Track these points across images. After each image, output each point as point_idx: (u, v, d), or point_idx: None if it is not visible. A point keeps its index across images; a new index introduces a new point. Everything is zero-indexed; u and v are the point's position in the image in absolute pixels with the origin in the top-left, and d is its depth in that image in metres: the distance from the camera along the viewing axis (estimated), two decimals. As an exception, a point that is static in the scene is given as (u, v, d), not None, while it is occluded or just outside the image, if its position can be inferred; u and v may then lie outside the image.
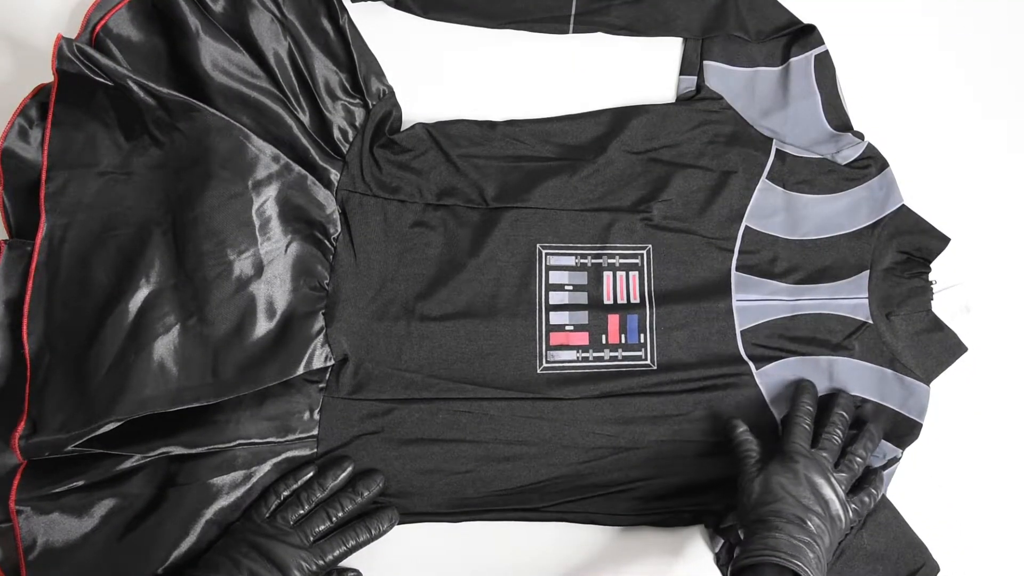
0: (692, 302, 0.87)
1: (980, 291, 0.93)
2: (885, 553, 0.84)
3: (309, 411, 0.82)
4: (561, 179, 0.87)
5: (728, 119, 0.90)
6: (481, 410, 0.84)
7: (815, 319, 0.88)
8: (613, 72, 0.92)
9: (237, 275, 0.78)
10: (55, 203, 0.76)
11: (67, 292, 0.75)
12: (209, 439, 0.77)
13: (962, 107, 0.96)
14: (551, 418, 0.85)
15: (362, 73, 0.84)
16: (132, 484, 0.76)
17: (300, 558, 0.76)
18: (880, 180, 0.90)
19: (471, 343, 0.85)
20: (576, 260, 0.87)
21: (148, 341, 0.74)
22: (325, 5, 0.83)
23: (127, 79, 0.74)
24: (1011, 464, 0.92)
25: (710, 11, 0.90)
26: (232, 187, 0.77)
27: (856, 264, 0.89)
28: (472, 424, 0.84)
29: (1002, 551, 0.91)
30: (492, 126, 0.88)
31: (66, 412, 0.72)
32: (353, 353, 0.83)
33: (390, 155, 0.86)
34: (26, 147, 0.78)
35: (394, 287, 0.85)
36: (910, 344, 0.89)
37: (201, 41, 0.78)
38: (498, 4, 0.88)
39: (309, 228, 0.82)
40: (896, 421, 0.88)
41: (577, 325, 0.86)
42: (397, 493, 0.83)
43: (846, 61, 0.91)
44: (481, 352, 0.85)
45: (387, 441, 0.83)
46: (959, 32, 0.97)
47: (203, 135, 0.77)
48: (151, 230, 0.77)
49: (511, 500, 0.85)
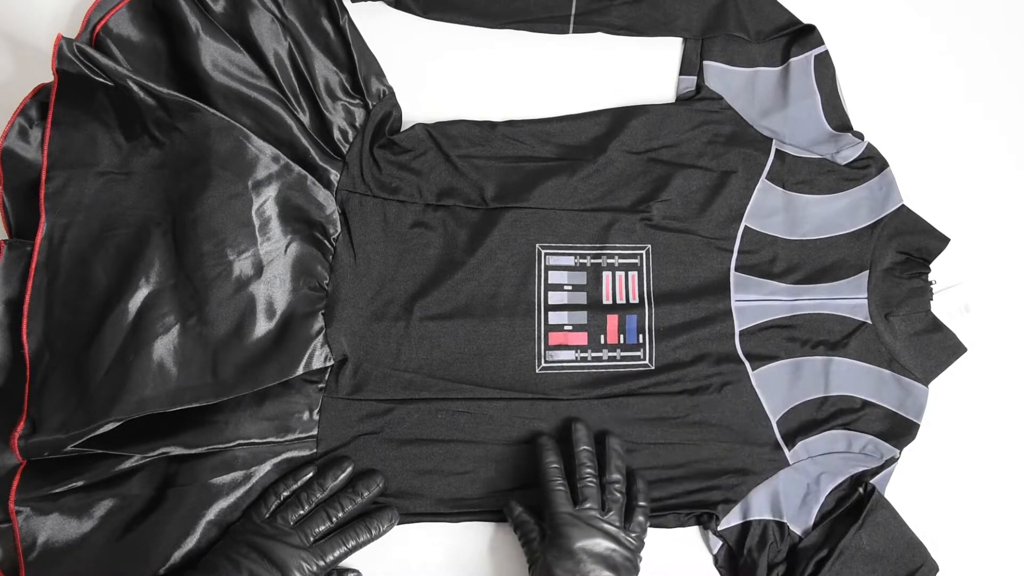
0: (691, 302, 0.87)
1: (980, 291, 0.93)
2: (884, 553, 0.84)
3: (308, 411, 0.82)
4: (561, 179, 0.87)
5: (728, 119, 0.90)
6: (480, 410, 0.84)
7: (814, 319, 0.88)
8: (613, 72, 0.92)
9: (237, 275, 0.77)
10: (55, 203, 0.76)
11: (67, 292, 0.75)
12: (208, 439, 0.77)
13: (962, 107, 0.96)
14: (550, 418, 0.85)
15: (362, 73, 0.84)
16: (131, 485, 0.76)
17: (300, 558, 0.76)
18: (880, 180, 0.90)
19: (470, 343, 0.85)
20: (575, 260, 0.87)
21: (148, 341, 0.74)
22: (326, 5, 0.83)
23: (127, 79, 0.74)
24: (1010, 464, 0.93)
25: (710, 11, 0.90)
26: (232, 187, 0.77)
27: (855, 264, 0.89)
28: (471, 424, 0.84)
29: (1002, 551, 0.91)
30: (492, 126, 0.88)
31: (66, 412, 0.72)
32: (352, 353, 0.83)
33: (390, 155, 0.86)
34: (26, 147, 0.78)
35: (393, 287, 0.85)
36: (909, 344, 0.89)
37: (201, 41, 0.78)
38: (498, 4, 0.88)
39: (309, 228, 0.82)
40: (894, 422, 0.88)
41: (576, 325, 0.86)
42: (397, 493, 0.83)
43: (846, 61, 0.91)
44: (480, 352, 0.85)
45: (386, 441, 0.83)
46: (959, 32, 0.97)
47: (203, 135, 0.77)
48: (151, 230, 0.77)
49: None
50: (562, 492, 0.79)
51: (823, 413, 0.88)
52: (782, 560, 0.85)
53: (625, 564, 0.77)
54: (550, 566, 0.75)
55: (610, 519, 0.78)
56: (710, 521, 0.85)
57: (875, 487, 0.86)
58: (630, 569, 0.77)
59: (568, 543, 0.76)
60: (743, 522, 0.86)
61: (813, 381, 0.88)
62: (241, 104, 0.80)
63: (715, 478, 0.86)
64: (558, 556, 0.76)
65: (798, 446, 0.87)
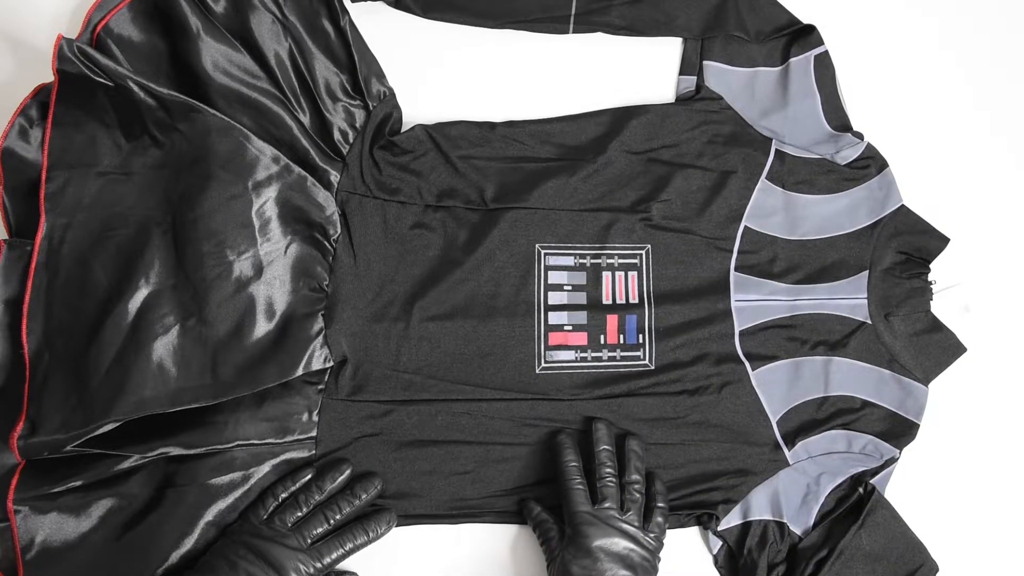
0: (691, 302, 0.87)
1: (979, 291, 0.93)
2: (883, 553, 0.84)
3: (308, 413, 0.82)
4: (561, 180, 0.87)
5: (727, 119, 0.90)
6: (480, 411, 0.84)
7: (814, 319, 0.88)
8: (613, 72, 0.92)
9: (237, 276, 0.77)
10: (55, 203, 0.76)
11: (66, 292, 0.75)
12: (208, 440, 0.77)
13: (962, 107, 0.96)
14: (550, 419, 0.85)
15: (363, 74, 0.84)
16: (130, 484, 0.76)
17: (298, 560, 0.75)
18: (879, 180, 0.90)
19: (470, 344, 0.85)
20: (575, 260, 0.87)
21: (147, 341, 0.74)
22: (326, 6, 0.83)
23: (127, 79, 0.74)
24: (1010, 464, 0.92)
25: (710, 11, 0.90)
26: (232, 188, 0.77)
27: (855, 264, 0.89)
28: (471, 425, 0.84)
29: (1001, 551, 0.91)
30: (491, 127, 0.88)
31: (65, 412, 0.72)
32: (352, 355, 0.83)
33: (390, 157, 0.86)
34: (26, 147, 0.78)
35: (393, 288, 0.84)
36: (909, 344, 0.89)
37: (202, 42, 0.78)
38: (498, 4, 0.88)
39: (309, 229, 0.82)
40: (893, 422, 0.88)
41: (576, 325, 0.86)
42: (396, 494, 0.83)
43: (846, 61, 0.91)
44: (480, 352, 0.85)
45: (386, 443, 0.83)
46: (959, 32, 0.97)
47: (203, 136, 0.77)
48: (151, 230, 0.77)
49: (511, 501, 0.85)
50: (581, 491, 0.80)
51: (823, 413, 0.88)
52: (782, 560, 0.85)
53: (643, 564, 0.77)
54: (567, 564, 0.76)
55: (629, 519, 0.79)
56: (710, 521, 0.85)
57: (875, 487, 0.85)
58: (648, 570, 0.77)
59: (586, 541, 0.76)
60: (743, 522, 0.86)
61: (813, 381, 0.88)
62: (241, 105, 0.80)
63: (715, 478, 0.86)
64: (576, 554, 0.76)
65: (798, 446, 0.87)
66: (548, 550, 0.80)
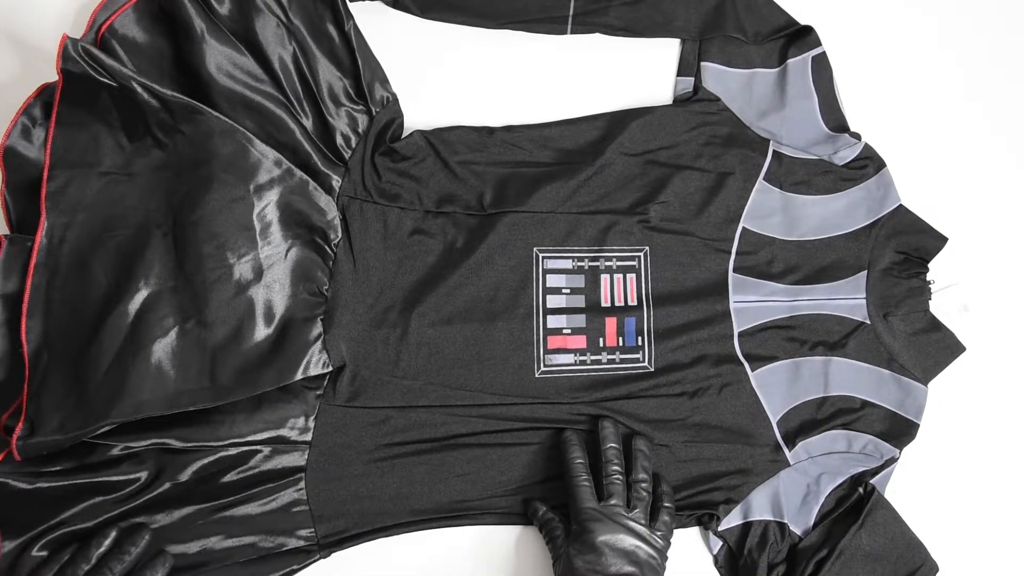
0: (690, 304, 0.87)
1: (978, 291, 0.93)
2: (883, 553, 0.83)
3: (305, 417, 0.82)
4: (559, 183, 0.87)
5: (725, 120, 0.91)
6: (479, 416, 0.84)
7: (813, 320, 0.89)
8: (611, 73, 0.92)
9: (236, 279, 0.77)
10: (56, 202, 0.76)
11: (66, 292, 0.75)
12: (202, 436, 0.77)
13: (960, 107, 0.97)
14: (550, 422, 0.85)
15: (366, 79, 0.84)
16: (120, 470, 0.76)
17: None
18: (877, 180, 0.90)
19: (469, 348, 0.84)
20: (573, 263, 0.87)
21: (146, 343, 0.74)
22: (331, 10, 0.83)
23: (131, 80, 0.74)
24: (1010, 464, 0.92)
25: (708, 12, 0.90)
26: (234, 191, 0.77)
27: (854, 264, 0.90)
28: (470, 429, 0.84)
29: (1001, 551, 0.91)
30: (490, 132, 0.88)
31: (64, 413, 0.72)
32: (351, 360, 0.82)
33: (389, 162, 0.86)
34: (28, 146, 0.77)
35: (392, 294, 0.84)
36: (908, 344, 0.89)
37: (206, 44, 0.78)
38: (496, 4, 0.88)
39: (310, 233, 0.82)
40: (893, 421, 0.88)
41: (575, 328, 0.86)
42: (395, 497, 0.83)
43: (843, 62, 0.91)
44: (479, 357, 0.84)
45: (383, 448, 0.83)
46: (957, 32, 0.98)
47: (206, 138, 0.77)
48: (151, 232, 0.76)
49: (513, 501, 0.84)
50: (587, 488, 0.79)
51: (823, 413, 0.88)
52: (782, 560, 0.85)
53: (650, 562, 0.77)
54: (572, 559, 0.76)
55: (635, 516, 0.78)
56: (711, 521, 0.85)
57: (875, 487, 0.85)
58: (655, 568, 0.77)
59: (591, 537, 0.76)
60: (743, 522, 0.86)
61: (812, 381, 0.88)
62: (244, 108, 0.80)
63: (716, 479, 0.86)
64: (580, 549, 0.76)
65: (798, 446, 0.87)
66: (554, 548, 0.80)
